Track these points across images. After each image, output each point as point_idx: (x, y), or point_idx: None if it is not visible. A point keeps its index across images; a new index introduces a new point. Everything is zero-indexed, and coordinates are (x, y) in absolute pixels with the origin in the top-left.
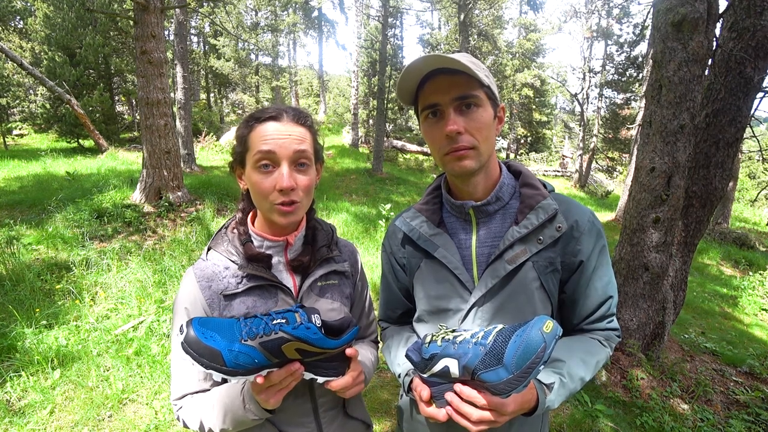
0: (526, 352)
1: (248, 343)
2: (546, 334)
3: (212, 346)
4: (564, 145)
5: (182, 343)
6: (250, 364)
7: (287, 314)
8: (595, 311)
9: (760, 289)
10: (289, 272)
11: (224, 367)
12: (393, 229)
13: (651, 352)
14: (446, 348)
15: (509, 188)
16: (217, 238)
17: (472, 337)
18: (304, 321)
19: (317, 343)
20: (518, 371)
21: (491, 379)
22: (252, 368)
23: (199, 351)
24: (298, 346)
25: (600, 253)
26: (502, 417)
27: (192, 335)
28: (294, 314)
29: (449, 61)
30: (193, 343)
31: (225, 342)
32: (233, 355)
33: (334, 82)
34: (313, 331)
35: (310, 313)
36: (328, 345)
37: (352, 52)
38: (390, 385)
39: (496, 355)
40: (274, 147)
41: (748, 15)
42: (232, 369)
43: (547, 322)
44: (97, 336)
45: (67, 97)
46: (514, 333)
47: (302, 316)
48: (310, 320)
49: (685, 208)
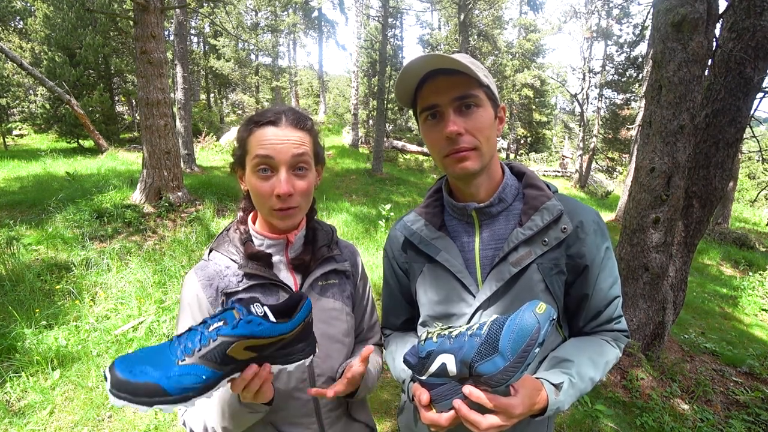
0: (520, 335)
1: (187, 362)
2: (539, 315)
3: (146, 380)
4: (564, 145)
5: (111, 391)
6: (198, 383)
7: (225, 314)
8: (602, 313)
9: (760, 289)
10: (290, 271)
11: (170, 397)
12: (394, 233)
13: (651, 353)
14: (442, 344)
15: (512, 189)
16: (219, 238)
17: (467, 330)
18: (243, 315)
19: (265, 334)
20: (514, 357)
21: (488, 370)
22: (204, 385)
23: (133, 392)
24: (246, 344)
25: (605, 254)
26: (511, 420)
27: (118, 377)
28: (231, 312)
29: (448, 61)
30: (123, 385)
31: (160, 372)
32: (174, 381)
33: (334, 83)
34: (256, 322)
35: (248, 304)
36: (280, 331)
37: (352, 52)
38: (390, 385)
39: (492, 344)
40: (271, 152)
41: (748, 15)
42: (181, 396)
43: (540, 304)
44: (97, 336)
45: (67, 98)
46: (508, 319)
47: (240, 310)
48: (249, 312)
49: (685, 208)
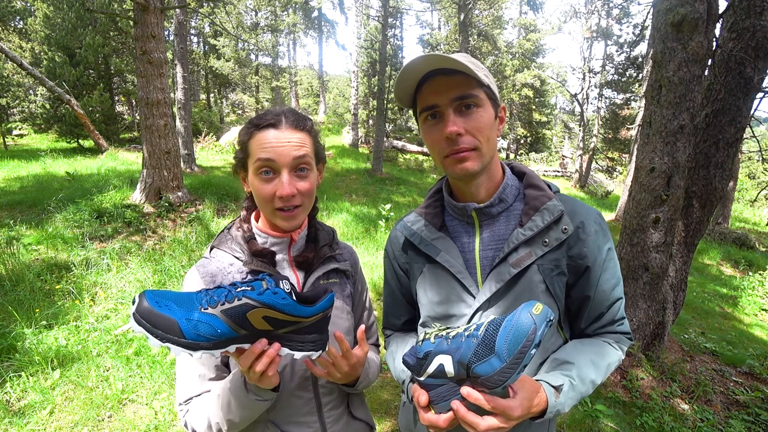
0: (516, 335)
1: (209, 311)
2: (536, 316)
3: (167, 314)
4: (564, 145)
5: (134, 314)
6: (212, 335)
7: (254, 283)
8: (605, 315)
9: (760, 289)
10: (292, 269)
11: (183, 339)
12: (395, 234)
13: (651, 352)
14: (440, 344)
15: (513, 189)
16: (221, 237)
17: (464, 330)
18: (271, 286)
19: (286, 310)
20: (510, 358)
21: (485, 371)
22: (216, 340)
23: (153, 321)
24: (265, 313)
25: (607, 255)
26: (510, 422)
27: (145, 305)
28: (260, 282)
29: (447, 60)
30: (146, 313)
31: (182, 311)
32: (192, 325)
33: (334, 83)
34: (281, 296)
35: (278, 279)
36: (300, 312)
37: (352, 52)
38: (390, 385)
39: (488, 345)
40: (273, 155)
41: (748, 15)
42: (192, 341)
43: (537, 304)
44: (96, 336)
45: (67, 97)
46: (504, 320)
47: (269, 282)
48: (277, 285)
49: (685, 208)
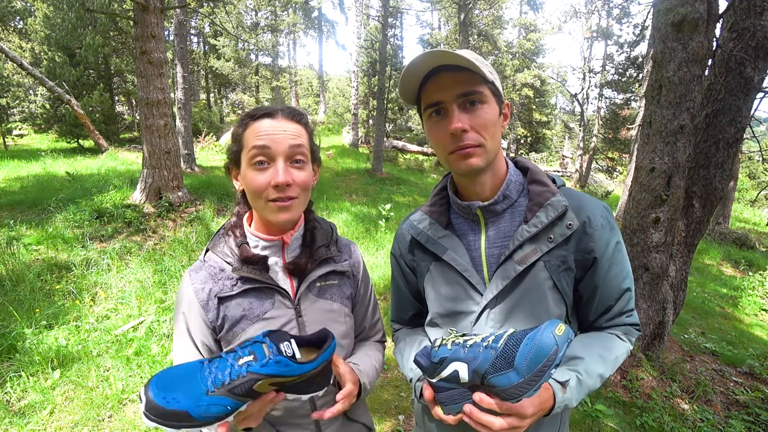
0: (537, 355)
1: (216, 394)
2: (558, 337)
3: (177, 409)
4: (564, 145)
5: (144, 413)
6: (224, 413)
7: (254, 347)
8: (613, 306)
9: (760, 289)
10: (286, 274)
11: (195, 422)
12: (401, 232)
13: (651, 352)
14: (456, 352)
15: (517, 186)
16: (215, 239)
17: (482, 341)
18: (274, 354)
19: (291, 374)
20: (529, 375)
21: (502, 384)
22: (227, 414)
23: (164, 416)
24: (271, 381)
25: (615, 248)
26: (524, 421)
27: (152, 403)
28: (261, 346)
29: (452, 57)
30: (155, 410)
31: (190, 400)
32: (202, 410)
33: (334, 82)
34: (284, 363)
35: (279, 342)
36: (305, 371)
37: (352, 52)
38: (390, 385)
39: (507, 359)
40: (268, 142)
41: (748, 15)
42: (204, 422)
43: (560, 325)
44: (97, 336)
45: (67, 97)
46: (526, 336)
47: (270, 347)
48: (279, 352)
49: (685, 208)
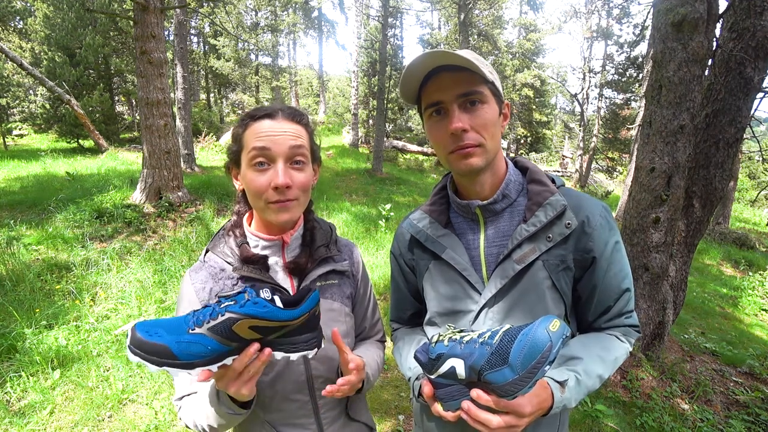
0: (531, 351)
1: (197, 332)
2: (552, 333)
3: (158, 342)
4: (564, 145)
5: (129, 347)
6: (204, 353)
7: (237, 297)
8: (612, 307)
9: (760, 289)
10: (287, 273)
11: (177, 361)
12: (400, 231)
13: (651, 352)
14: (453, 348)
15: (516, 185)
16: (215, 239)
17: (479, 337)
18: (252, 297)
19: (269, 316)
20: (523, 371)
21: (497, 380)
22: (209, 356)
23: (147, 350)
24: (250, 323)
25: (614, 248)
26: (522, 420)
27: (136, 335)
28: (243, 294)
29: (452, 57)
30: (138, 343)
31: (172, 336)
32: (183, 347)
33: (334, 82)
34: (261, 304)
35: (259, 289)
36: (283, 316)
37: (352, 52)
38: (390, 385)
39: (502, 355)
40: (268, 143)
41: (748, 15)
42: (186, 362)
43: (554, 321)
44: (97, 336)
45: (67, 97)
46: (520, 332)
47: (250, 293)
48: (258, 295)
49: (685, 208)
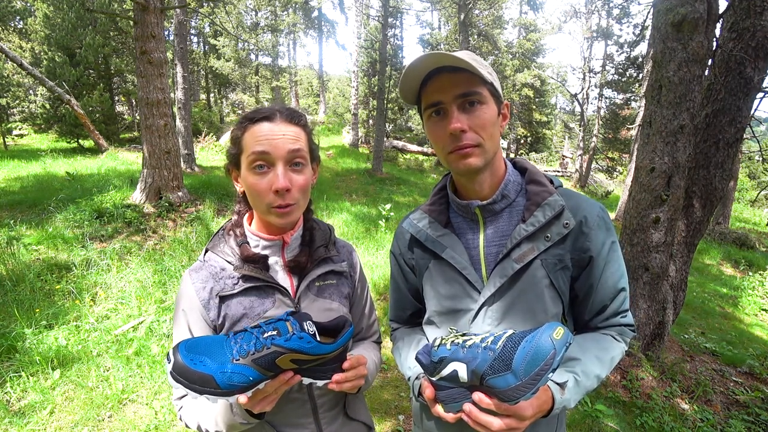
0: (535, 358)
1: (240, 362)
2: (556, 341)
3: (203, 371)
4: (564, 145)
5: (171, 373)
6: (245, 383)
7: (278, 324)
8: (608, 306)
9: (760, 289)
10: (286, 273)
11: (218, 390)
12: (400, 230)
13: (651, 352)
14: (455, 352)
15: (515, 185)
16: (215, 239)
17: (481, 341)
18: (297, 330)
19: (312, 352)
20: (527, 378)
21: (499, 385)
22: (248, 385)
23: (190, 378)
24: (293, 357)
25: (611, 248)
26: (523, 423)
27: (180, 363)
28: (285, 323)
29: (451, 58)
30: (182, 370)
31: (216, 365)
32: (226, 377)
33: (334, 82)
34: (306, 340)
35: (302, 321)
36: (324, 351)
37: (352, 52)
38: (390, 385)
39: (505, 361)
40: (267, 147)
41: (748, 15)
42: (227, 390)
43: (558, 328)
44: (97, 336)
45: (67, 97)
46: (524, 338)
47: (294, 324)
48: (302, 329)
49: (685, 208)
